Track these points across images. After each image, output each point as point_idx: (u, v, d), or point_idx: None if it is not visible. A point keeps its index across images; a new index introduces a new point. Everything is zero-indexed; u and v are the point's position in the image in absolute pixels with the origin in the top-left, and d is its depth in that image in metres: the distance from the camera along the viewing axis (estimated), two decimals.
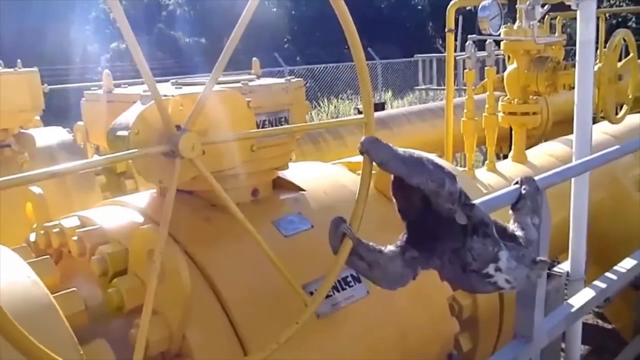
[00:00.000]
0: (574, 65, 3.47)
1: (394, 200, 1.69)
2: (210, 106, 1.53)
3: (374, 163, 1.62)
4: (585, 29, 2.65)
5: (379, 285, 1.67)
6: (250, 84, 1.90)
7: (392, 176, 1.67)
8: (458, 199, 1.61)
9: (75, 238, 1.76)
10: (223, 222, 1.92)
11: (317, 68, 18.18)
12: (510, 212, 1.91)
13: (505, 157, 5.52)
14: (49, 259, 1.72)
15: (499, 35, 3.63)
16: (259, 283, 1.82)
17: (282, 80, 2.02)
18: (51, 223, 1.90)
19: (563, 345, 3.03)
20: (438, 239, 1.67)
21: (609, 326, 5.09)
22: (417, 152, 1.63)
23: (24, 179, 1.15)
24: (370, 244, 1.66)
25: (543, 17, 4.17)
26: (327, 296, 1.84)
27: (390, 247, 1.68)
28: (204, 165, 1.43)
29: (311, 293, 1.81)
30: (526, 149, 4.06)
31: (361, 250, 1.64)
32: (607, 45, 3.56)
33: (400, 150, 1.61)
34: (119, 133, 1.47)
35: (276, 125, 1.92)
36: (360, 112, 1.73)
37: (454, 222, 1.63)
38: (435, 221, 1.64)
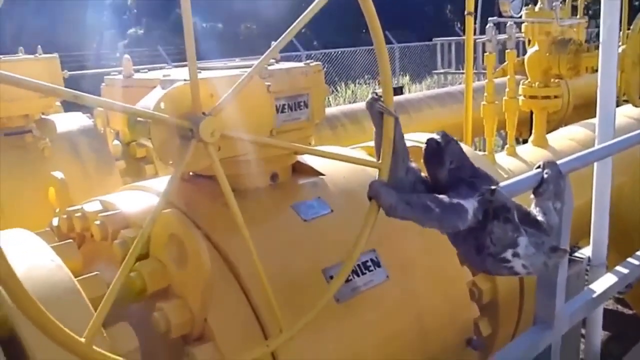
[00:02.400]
0: (596, 48, 3.41)
1: (426, 167, 1.69)
2: (228, 89, 1.52)
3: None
4: (610, 9, 2.60)
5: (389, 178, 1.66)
6: (269, 67, 1.89)
7: (423, 149, 1.67)
8: (476, 221, 1.60)
9: (97, 222, 1.78)
10: (243, 208, 1.92)
11: (334, 52, 18.10)
12: (532, 196, 1.89)
13: (525, 141, 5.46)
14: (72, 243, 1.74)
15: (520, 17, 3.57)
16: (279, 268, 1.82)
17: (301, 64, 2.01)
18: (73, 207, 1.92)
19: (583, 331, 3.01)
20: None
21: (630, 312, 5.05)
22: (425, 195, 1.61)
23: None
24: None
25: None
26: (347, 280, 1.85)
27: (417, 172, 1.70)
28: (217, 152, 1.44)
29: (331, 277, 1.82)
30: (546, 133, 4.01)
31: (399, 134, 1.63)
32: (632, 27, 3.49)
33: (412, 195, 1.60)
34: (139, 118, 1.48)
35: (296, 110, 1.91)
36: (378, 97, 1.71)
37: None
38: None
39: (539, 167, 1.93)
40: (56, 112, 4.21)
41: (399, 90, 8.92)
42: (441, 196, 1.59)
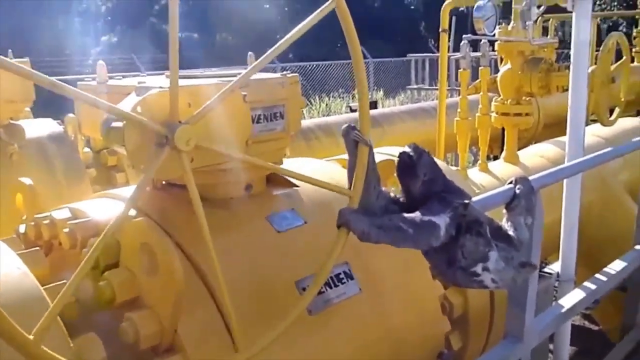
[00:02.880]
0: (567, 67, 3.49)
1: (399, 180, 1.70)
2: (205, 100, 1.51)
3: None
4: (581, 30, 2.66)
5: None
6: None
7: (396, 163, 1.68)
8: (449, 236, 1.62)
9: (66, 230, 1.74)
10: (215, 217, 1.90)
11: (309, 65, 18.17)
12: (504, 211, 1.91)
13: (496, 158, 5.54)
14: (39, 250, 1.70)
15: (494, 35, 3.63)
16: (252, 278, 1.81)
17: (278, 75, 2.01)
18: (42, 215, 1.87)
19: (550, 346, 3.05)
20: None
21: (596, 327, 5.13)
22: (397, 217, 1.61)
23: None
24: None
25: (536, 19, 4.18)
26: (320, 293, 1.84)
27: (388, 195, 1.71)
28: (190, 161, 1.42)
29: (304, 289, 1.81)
30: (517, 150, 4.07)
31: (370, 160, 1.64)
32: (601, 48, 3.57)
33: (383, 219, 1.60)
34: (114, 124, 1.46)
35: (272, 120, 1.91)
36: (352, 110, 1.72)
37: None
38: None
39: (511, 182, 1.95)
40: (25, 117, 4.13)
41: (373, 105, 8.99)
42: (412, 215, 1.60)
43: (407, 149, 1.67)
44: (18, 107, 3.63)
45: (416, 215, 1.61)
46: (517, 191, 1.89)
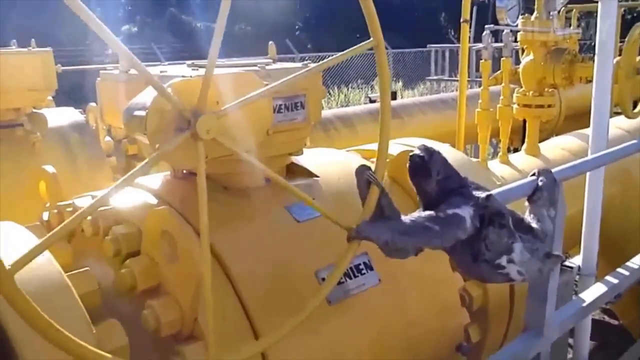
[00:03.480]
0: (591, 58, 3.44)
1: (412, 184, 1.67)
2: (227, 89, 1.51)
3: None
4: (606, 20, 2.61)
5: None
6: (267, 67, 1.89)
7: (407, 164, 1.66)
8: (475, 229, 1.59)
9: (89, 218, 1.76)
10: (235, 206, 1.92)
11: (327, 56, 18.08)
12: (527, 203, 1.89)
13: (516, 150, 5.48)
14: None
15: (517, 25, 3.59)
16: (271, 267, 1.81)
17: (299, 64, 2.01)
18: (64, 202, 1.89)
19: (570, 341, 3.02)
20: None
21: (615, 322, 5.08)
22: (417, 215, 1.58)
23: None
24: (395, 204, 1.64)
25: (560, 9, 4.12)
26: (340, 283, 1.84)
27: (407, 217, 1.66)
28: (212, 150, 1.42)
29: (323, 279, 1.81)
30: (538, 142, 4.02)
31: (385, 202, 1.60)
32: (627, 39, 3.51)
33: (404, 221, 1.56)
34: (136, 113, 1.46)
35: (293, 110, 1.91)
36: (372, 101, 1.71)
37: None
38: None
39: (534, 174, 1.93)
40: (48, 106, 4.18)
41: (392, 96, 8.94)
42: (434, 212, 1.58)
43: (416, 151, 1.64)
44: (41, 96, 3.67)
45: (440, 210, 1.59)
46: (540, 183, 1.87)
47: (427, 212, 1.59)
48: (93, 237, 1.77)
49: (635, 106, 3.70)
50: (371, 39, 1.59)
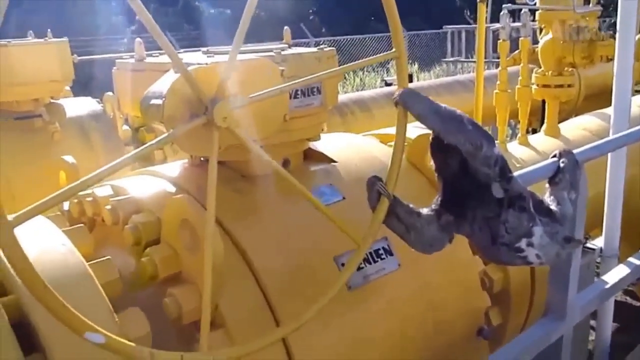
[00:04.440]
0: (612, 36, 3.37)
1: (432, 159, 1.65)
2: (243, 75, 1.50)
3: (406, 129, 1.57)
4: None
5: (414, 248, 1.65)
6: (283, 52, 1.87)
7: (431, 136, 1.64)
8: (494, 164, 1.56)
9: (108, 207, 1.77)
10: (253, 194, 1.92)
11: (343, 40, 18.00)
12: (547, 185, 1.86)
13: (534, 131, 5.41)
14: (84, 227, 1.73)
15: (535, 4, 3.52)
16: (290, 254, 1.81)
17: (315, 49, 1.99)
18: (84, 192, 1.91)
19: (592, 323, 3.00)
20: (471, 205, 1.63)
21: (638, 304, 5.03)
22: (459, 111, 1.57)
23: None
24: (410, 205, 1.63)
25: None
26: (359, 268, 1.83)
27: (426, 210, 1.65)
28: (229, 137, 1.41)
29: (342, 265, 1.81)
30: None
31: (399, 211, 1.60)
32: None
33: (442, 105, 1.55)
34: (153, 101, 1.46)
35: (309, 96, 1.89)
36: (387, 84, 1.70)
37: (490, 190, 1.59)
38: (470, 186, 1.60)
39: (554, 156, 1.90)
40: (65, 96, 4.21)
41: (409, 78, 8.87)
42: None
43: None
44: (59, 86, 3.69)
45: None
46: (562, 165, 1.84)
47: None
48: (113, 226, 1.78)
49: None
50: (393, 49, 1.59)
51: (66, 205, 1.96)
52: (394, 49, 1.60)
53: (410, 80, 8.21)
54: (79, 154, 3.53)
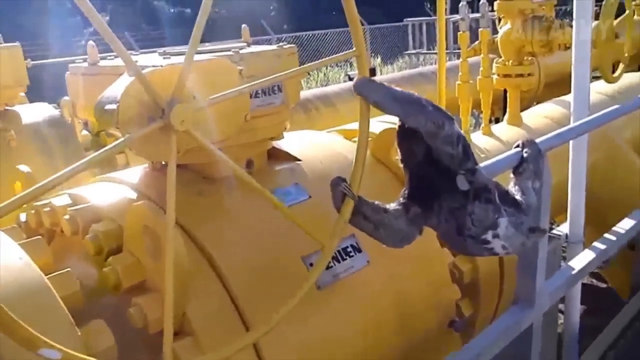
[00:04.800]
0: (569, 24, 3.41)
1: (398, 149, 1.65)
2: (200, 76, 1.46)
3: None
4: None
5: (384, 244, 1.65)
6: (241, 51, 1.84)
7: (397, 126, 1.63)
8: (457, 142, 1.56)
9: (67, 217, 1.71)
10: (217, 196, 1.88)
11: (305, 35, 17.95)
12: (511, 175, 1.87)
13: (497, 120, 5.47)
14: (41, 239, 1.67)
15: None
16: (257, 255, 1.78)
17: (274, 46, 1.96)
18: (41, 202, 1.84)
19: (561, 307, 3.04)
20: (437, 196, 1.63)
21: (604, 285, 5.13)
22: (417, 94, 1.57)
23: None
24: (375, 202, 1.62)
25: None
26: (328, 267, 1.82)
27: (393, 205, 1.65)
28: (190, 140, 1.37)
29: (311, 264, 1.79)
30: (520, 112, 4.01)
31: (365, 210, 1.60)
32: (603, 3, 3.49)
33: (399, 90, 1.55)
34: (107, 107, 1.41)
35: (270, 94, 1.86)
36: (351, 79, 1.69)
37: (455, 180, 1.59)
38: (435, 175, 1.60)
39: (518, 146, 1.91)
40: (21, 103, 4.08)
41: (372, 72, 8.89)
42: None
43: None
44: (13, 92, 3.58)
45: None
46: (525, 155, 1.85)
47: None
48: (73, 236, 1.72)
49: (614, 70, 3.70)
50: (354, 48, 1.59)
51: (23, 217, 1.90)
52: (354, 48, 1.58)
53: (374, 74, 8.24)
54: (37, 162, 3.44)
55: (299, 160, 2.09)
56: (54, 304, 1.38)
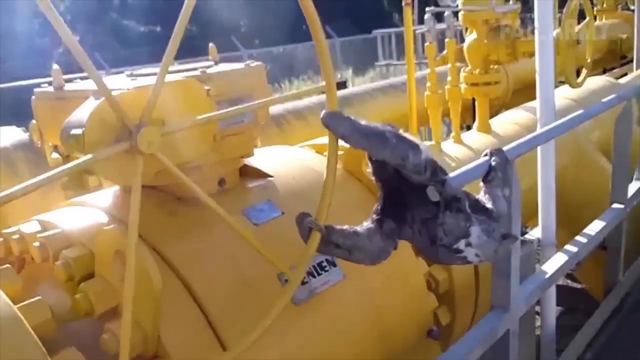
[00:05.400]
0: (532, 33, 3.47)
1: (370, 164, 1.67)
2: (167, 97, 1.46)
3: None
4: None
5: (361, 264, 1.66)
6: (208, 71, 1.84)
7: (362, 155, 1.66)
8: (424, 169, 1.59)
9: (36, 244, 1.68)
10: (189, 215, 1.87)
11: (276, 50, 18.01)
12: (481, 184, 1.90)
13: (469, 127, 5.53)
14: (10, 267, 1.64)
15: (457, 6, 3.60)
16: (231, 274, 1.78)
17: (242, 64, 1.96)
18: (10, 229, 1.81)
19: (537, 309, 3.07)
20: (409, 208, 1.66)
21: (579, 286, 5.20)
22: (382, 125, 1.60)
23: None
24: (345, 227, 1.64)
25: None
26: (303, 283, 1.82)
27: (366, 223, 1.67)
28: (161, 160, 1.37)
29: (286, 281, 1.78)
30: (489, 119, 4.06)
31: (336, 239, 1.62)
32: (564, 10, 3.57)
33: (363, 122, 1.58)
34: (73, 132, 1.40)
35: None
36: (322, 92, 1.70)
37: (425, 192, 1.62)
38: (406, 188, 1.63)
39: (486, 154, 1.94)
40: None
41: (342, 85, 8.93)
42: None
43: None
44: None
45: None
46: (493, 163, 1.88)
47: (391, 127, 1.60)
48: (43, 263, 1.69)
49: (578, 75, 3.78)
50: (323, 82, 1.66)
51: None
52: (323, 82, 1.62)
53: (345, 86, 8.27)
54: (6, 186, 3.37)
55: (271, 176, 2.09)
56: (24, 333, 1.35)
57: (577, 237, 2.84)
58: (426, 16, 3.88)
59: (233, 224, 1.53)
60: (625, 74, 6.67)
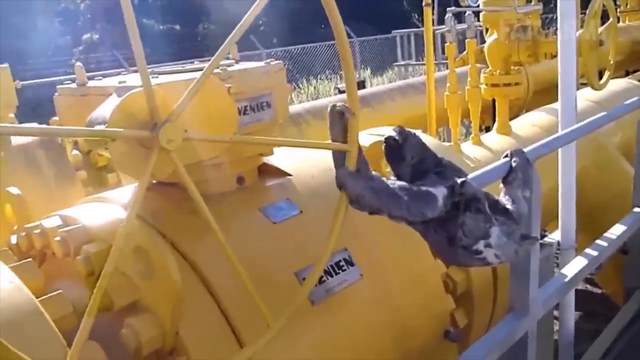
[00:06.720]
0: (554, 33, 3.45)
1: (388, 163, 1.67)
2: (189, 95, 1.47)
3: None
4: None
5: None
6: (229, 69, 1.84)
7: (382, 145, 1.65)
8: (444, 206, 1.58)
9: (58, 238, 1.70)
10: (211, 214, 1.87)
11: (294, 49, 18.03)
12: (501, 185, 1.88)
13: (488, 129, 5.50)
14: (32, 261, 1.66)
15: (478, 6, 3.58)
16: (250, 272, 1.77)
17: (262, 63, 1.97)
18: (32, 224, 1.83)
19: (556, 313, 3.04)
20: None
21: (599, 291, 5.14)
22: (391, 182, 1.58)
23: None
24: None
25: None
26: (321, 281, 1.82)
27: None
28: (180, 157, 1.38)
29: (304, 279, 1.78)
30: (509, 120, 4.04)
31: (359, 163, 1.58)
32: (587, 11, 3.53)
33: (377, 181, 1.56)
34: (96, 127, 1.41)
35: (258, 111, 1.87)
36: (341, 92, 1.71)
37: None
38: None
39: (506, 155, 1.92)
40: (10, 124, 4.07)
41: (361, 84, 8.92)
42: (410, 185, 1.57)
43: (392, 133, 1.65)
44: (2, 114, 3.57)
45: (415, 184, 1.58)
46: (513, 164, 1.86)
47: (402, 183, 1.58)
48: (64, 258, 1.71)
49: (600, 77, 3.73)
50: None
51: (14, 239, 1.89)
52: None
53: (363, 86, 8.27)
54: (28, 184, 3.41)
55: (290, 175, 2.10)
56: (45, 326, 1.37)
57: (598, 241, 2.80)
58: (447, 16, 3.86)
59: (221, 238, 1.52)
60: None
